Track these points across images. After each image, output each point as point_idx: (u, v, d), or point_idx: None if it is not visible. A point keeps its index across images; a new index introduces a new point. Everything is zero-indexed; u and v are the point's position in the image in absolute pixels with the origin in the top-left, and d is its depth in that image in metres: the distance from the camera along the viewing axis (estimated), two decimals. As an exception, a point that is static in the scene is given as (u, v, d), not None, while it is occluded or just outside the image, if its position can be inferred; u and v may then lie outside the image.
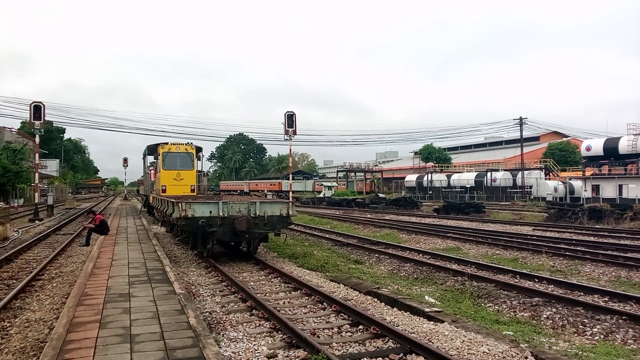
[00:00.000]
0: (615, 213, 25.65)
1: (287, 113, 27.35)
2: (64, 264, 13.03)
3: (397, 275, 12.52)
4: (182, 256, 14.54)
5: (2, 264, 12.95)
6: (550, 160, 60.06)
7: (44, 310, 8.23)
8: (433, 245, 17.92)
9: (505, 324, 8.07)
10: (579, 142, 59.29)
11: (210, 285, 10.43)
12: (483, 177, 59.20)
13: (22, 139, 57.11)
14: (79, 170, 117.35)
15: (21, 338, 6.79)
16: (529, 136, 71.88)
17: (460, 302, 9.30)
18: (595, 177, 43.14)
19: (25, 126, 61.28)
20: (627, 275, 11.89)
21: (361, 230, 23.80)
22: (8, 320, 7.88)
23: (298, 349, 6.35)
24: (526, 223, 26.12)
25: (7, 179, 36.22)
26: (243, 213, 12.71)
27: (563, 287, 10.45)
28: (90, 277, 9.51)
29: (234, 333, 7.00)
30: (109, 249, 13.69)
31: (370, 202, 46.08)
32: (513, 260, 14.37)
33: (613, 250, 15.42)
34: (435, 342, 6.49)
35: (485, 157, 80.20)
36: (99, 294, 8.07)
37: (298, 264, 13.41)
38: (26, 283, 10.26)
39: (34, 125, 27.36)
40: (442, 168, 71.67)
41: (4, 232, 18.64)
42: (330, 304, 8.54)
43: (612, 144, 43.62)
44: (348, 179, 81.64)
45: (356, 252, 16.12)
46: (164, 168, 23.64)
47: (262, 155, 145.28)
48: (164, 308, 7.14)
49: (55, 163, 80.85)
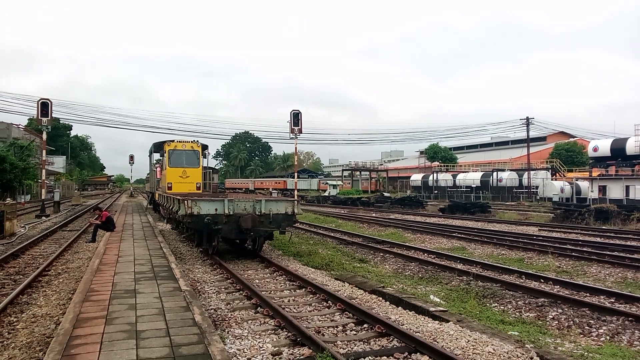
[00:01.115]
0: (622, 214, 25.50)
1: (293, 112, 27.39)
2: (70, 260, 13.10)
3: (402, 274, 12.50)
4: (187, 253, 14.59)
5: (9, 259, 13.04)
6: (556, 161, 59.74)
7: (50, 306, 8.28)
8: (438, 245, 17.88)
9: (510, 324, 8.04)
10: (586, 142, 58.94)
11: (216, 283, 10.46)
12: (489, 177, 58.97)
13: (30, 136, 57.45)
14: (86, 167, 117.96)
15: (28, 333, 6.84)
16: (535, 136, 71.57)
17: (466, 302, 9.28)
18: (602, 178, 42.85)
19: (32, 123, 61.63)
20: (633, 277, 11.81)
21: (366, 229, 23.78)
22: (15, 315, 7.94)
23: (303, 347, 6.35)
24: (532, 223, 26.01)
25: (14, 175, 36.42)
26: (248, 211, 12.73)
27: (569, 287, 10.40)
28: (97, 273, 9.56)
29: (239, 330, 7.02)
30: (115, 245, 13.76)
31: (376, 201, 46.04)
32: (519, 261, 14.32)
33: (619, 251, 15.33)
34: (440, 342, 6.48)
35: (492, 157, 79.92)
36: (105, 290, 8.11)
37: (303, 262, 13.42)
38: (33, 278, 10.32)
39: (41, 122, 27.52)
40: (448, 167, 71.45)
41: (11, 227, 18.77)
42: (335, 302, 8.54)
43: (619, 145, 43.32)
44: (353, 177, 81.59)
45: (361, 251, 16.11)
46: (170, 165, 23.72)
47: (267, 153, 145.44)
48: (170, 305, 7.17)
49: (62, 160, 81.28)
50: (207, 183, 26.88)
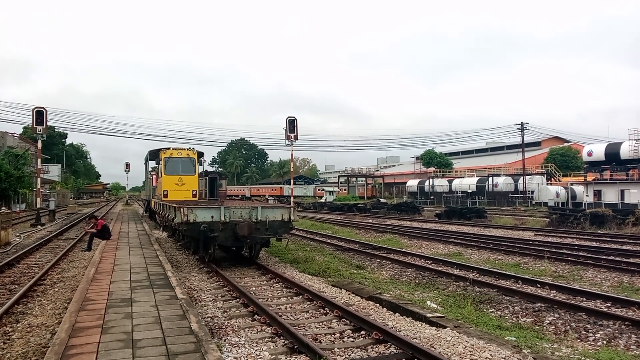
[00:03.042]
0: (617, 218, 25.60)
1: (288, 118, 27.41)
2: (66, 269, 13.03)
3: (399, 280, 12.50)
4: (183, 261, 14.54)
5: (4, 268, 12.96)
6: (551, 166, 60.04)
7: (46, 315, 8.24)
8: (435, 251, 17.89)
9: (507, 329, 8.05)
10: (581, 147, 59.27)
11: (212, 291, 10.43)
12: (484, 182, 59.15)
13: (24, 144, 57.24)
14: (81, 175, 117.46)
15: (23, 343, 6.80)
16: (530, 141, 71.80)
17: (463, 308, 9.29)
18: (597, 182, 43.07)
19: (27, 131, 61.42)
20: (629, 281, 11.85)
21: (363, 236, 23.78)
22: (10, 325, 7.89)
23: (300, 355, 6.34)
24: (528, 228, 26.08)
25: (9, 184, 36.22)
26: (245, 218, 12.72)
27: (565, 292, 10.43)
28: (92, 282, 9.51)
29: (235, 338, 7.00)
30: (111, 254, 13.70)
31: (372, 207, 46.09)
32: (515, 266, 14.34)
33: (615, 255, 15.38)
34: (438, 348, 6.48)
35: (487, 162, 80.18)
36: (101, 299, 8.07)
37: (300, 269, 13.40)
38: (28, 288, 10.26)
39: (36, 131, 27.46)
40: (444, 173, 71.65)
41: (6, 237, 18.66)
42: (332, 309, 8.53)
43: (613, 149, 43.61)
44: (349, 184, 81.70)
45: (358, 257, 16.10)
46: (166, 173, 23.65)
47: (263, 160, 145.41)
48: (166, 313, 7.14)
49: (57, 168, 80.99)
50: (214, 190, 26.64)
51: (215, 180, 35.28)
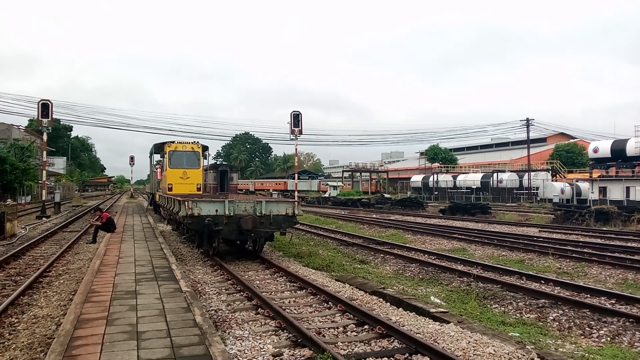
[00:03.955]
0: (623, 215, 25.51)
1: (293, 113, 27.38)
2: (71, 261, 13.10)
3: (403, 275, 12.50)
4: (188, 254, 14.59)
5: (10, 260, 13.04)
6: (557, 162, 59.72)
7: (51, 307, 8.29)
8: (439, 246, 17.88)
9: (511, 325, 8.04)
10: (586, 143, 58.85)
11: (216, 284, 10.47)
12: (489, 178, 58.93)
13: (30, 137, 57.46)
14: (86, 168, 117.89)
15: (29, 334, 6.85)
16: (535, 137, 71.52)
17: (466, 303, 9.28)
18: (602, 179, 42.82)
19: (33, 124, 61.68)
20: (634, 278, 11.81)
21: (366, 230, 23.78)
22: (16, 316, 7.94)
23: (303, 348, 6.36)
24: (532, 224, 26.02)
25: (14, 177, 36.41)
26: (249, 212, 12.74)
27: (570, 289, 10.41)
28: (97, 274, 9.56)
29: (239, 331, 7.03)
30: (116, 246, 13.76)
31: (376, 202, 46.04)
32: (519, 262, 14.32)
33: (620, 252, 15.33)
34: (441, 343, 6.48)
35: (492, 158, 79.88)
36: (105, 291, 8.11)
37: (303, 264, 13.42)
38: (34, 279, 10.33)
39: (42, 123, 27.52)
40: (448, 169, 71.40)
41: (12, 229, 18.78)
42: (336, 303, 8.54)
43: (619, 146, 43.29)
44: (353, 179, 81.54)
45: (361, 252, 16.11)
46: (171, 167, 23.74)
47: (267, 154, 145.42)
48: (171, 306, 7.17)
49: (62, 161, 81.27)
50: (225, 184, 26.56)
51: (226, 173, 34.49)
